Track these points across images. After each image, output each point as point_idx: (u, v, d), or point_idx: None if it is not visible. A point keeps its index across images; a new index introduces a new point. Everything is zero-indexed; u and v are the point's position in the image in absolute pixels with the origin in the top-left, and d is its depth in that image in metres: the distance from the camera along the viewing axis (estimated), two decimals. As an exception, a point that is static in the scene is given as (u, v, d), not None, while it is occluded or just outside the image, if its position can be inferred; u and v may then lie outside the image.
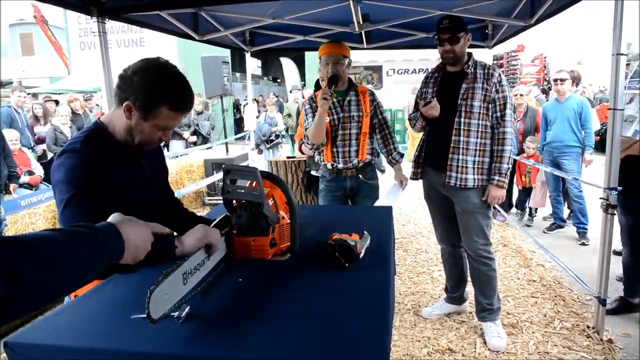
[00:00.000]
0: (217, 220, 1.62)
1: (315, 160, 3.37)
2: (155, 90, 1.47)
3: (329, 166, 3.17)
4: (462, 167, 2.76)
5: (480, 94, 2.71)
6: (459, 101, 2.74)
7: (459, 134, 2.76)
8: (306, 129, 3.13)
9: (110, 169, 1.52)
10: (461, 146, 2.76)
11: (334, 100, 3.05)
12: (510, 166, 2.75)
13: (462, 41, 2.73)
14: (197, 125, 9.21)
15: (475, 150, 2.76)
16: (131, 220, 1.05)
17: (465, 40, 2.74)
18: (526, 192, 5.70)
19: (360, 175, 3.17)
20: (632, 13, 2.79)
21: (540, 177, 5.44)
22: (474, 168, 2.76)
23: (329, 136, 3.12)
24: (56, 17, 20.40)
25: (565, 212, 5.37)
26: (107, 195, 1.47)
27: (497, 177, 2.73)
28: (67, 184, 1.44)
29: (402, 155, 3.30)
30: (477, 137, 2.74)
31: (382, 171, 9.43)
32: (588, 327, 3.10)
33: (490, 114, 2.74)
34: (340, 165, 3.12)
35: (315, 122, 2.95)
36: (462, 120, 2.74)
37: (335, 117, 3.10)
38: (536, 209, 5.71)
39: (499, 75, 2.73)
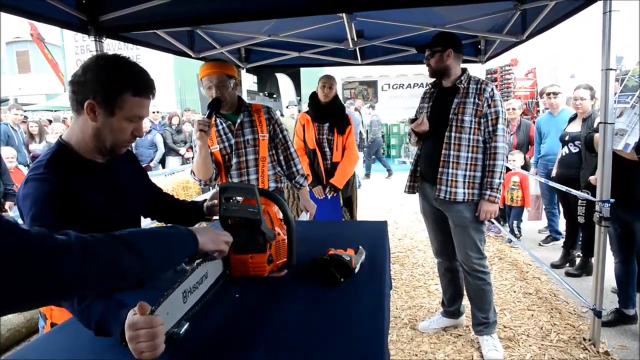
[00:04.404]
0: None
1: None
2: (114, 79, 1.37)
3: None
4: (452, 180, 2.79)
5: (472, 108, 2.75)
6: (450, 116, 2.79)
7: (449, 148, 2.80)
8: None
9: (79, 189, 1.39)
10: (451, 160, 2.79)
11: (224, 125, 2.72)
12: (501, 181, 2.76)
13: (436, 56, 2.81)
14: None
15: (466, 164, 2.79)
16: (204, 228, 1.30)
17: (442, 56, 2.80)
18: (510, 210, 5.46)
19: None
20: (623, 27, 2.84)
21: (535, 191, 5.45)
22: (464, 182, 2.79)
23: (222, 166, 2.76)
24: (53, 34, 20.54)
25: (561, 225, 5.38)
26: (76, 217, 1.33)
27: (489, 192, 2.74)
28: (35, 218, 1.30)
29: (306, 179, 3.02)
30: (468, 152, 2.78)
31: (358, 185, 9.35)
32: (584, 339, 3.10)
33: (482, 128, 2.77)
34: (237, 199, 2.73)
35: (196, 157, 2.60)
36: (453, 134, 2.78)
37: (227, 144, 2.73)
38: (519, 226, 5.46)
39: (492, 90, 2.76)
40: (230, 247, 1.59)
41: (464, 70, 2.87)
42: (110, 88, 1.36)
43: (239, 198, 1.66)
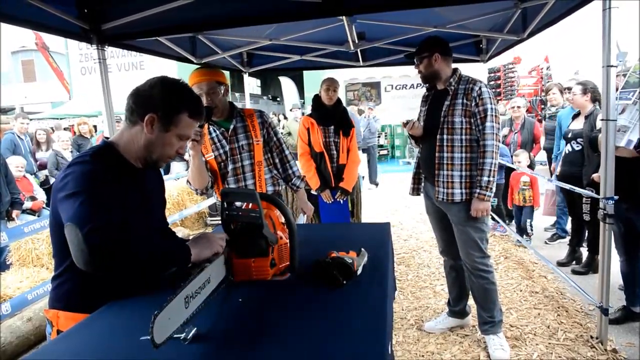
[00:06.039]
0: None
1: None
2: (176, 99, 1.57)
3: None
4: (449, 182, 2.81)
5: (461, 109, 2.76)
6: (441, 118, 2.81)
7: (442, 150, 2.81)
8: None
9: (115, 186, 1.48)
10: (446, 162, 2.81)
11: (217, 132, 2.71)
12: (494, 179, 2.74)
13: (425, 62, 2.86)
14: None
15: (461, 165, 2.79)
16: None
17: (430, 61, 2.84)
18: (520, 211, 5.41)
19: None
20: (625, 23, 2.84)
21: (551, 186, 5.30)
22: (461, 182, 2.80)
23: (218, 174, 2.76)
24: (57, 43, 20.73)
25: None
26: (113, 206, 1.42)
27: (478, 190, 2.74)
28: (76, 185, 1.39)
29: (302, 180, 3.01)
30: (461, 152, 2.79)
31: (376, 184, 9.43)
32: (592, 337, 3.09)
33: (474, 128, 2.77)
34: (238, 204, 2.49)
35: (191, 166, 2.62)
36: (445, 137, 2.80)
37: (222, 151, 2.72)
38: (531, 225, 5.31)
39: (479, 88, 2.75)
40: (233, 252, 1.61)
41: (454, 71, 2.88)
42: (172, 106, 1.56)
43: (241, 203, 1.68)
